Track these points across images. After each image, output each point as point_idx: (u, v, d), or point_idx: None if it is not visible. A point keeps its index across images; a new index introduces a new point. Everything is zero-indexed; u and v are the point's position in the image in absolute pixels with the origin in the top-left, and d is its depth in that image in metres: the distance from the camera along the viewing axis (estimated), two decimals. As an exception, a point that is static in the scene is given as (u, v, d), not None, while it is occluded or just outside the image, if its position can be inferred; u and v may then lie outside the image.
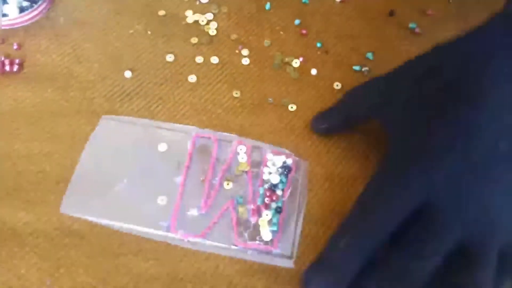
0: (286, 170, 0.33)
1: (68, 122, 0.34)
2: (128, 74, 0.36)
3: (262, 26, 0.40)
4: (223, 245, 0.30)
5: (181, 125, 0.34)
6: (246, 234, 0.30)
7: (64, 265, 0.29)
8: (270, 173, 0.33)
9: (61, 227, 0.30)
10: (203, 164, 0.33)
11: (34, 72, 0.36)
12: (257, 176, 0.33)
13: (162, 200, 0.31)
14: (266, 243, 0.30)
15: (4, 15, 0.37)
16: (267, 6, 0.41)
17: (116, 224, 0.30)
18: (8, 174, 0.32)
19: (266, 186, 0.32)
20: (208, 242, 0.30)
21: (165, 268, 0.29)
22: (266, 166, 0.33)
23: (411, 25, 0.41)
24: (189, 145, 0.33)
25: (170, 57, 0.38)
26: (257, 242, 0.30)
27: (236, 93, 0.36)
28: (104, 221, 0.30)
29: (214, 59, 0.38)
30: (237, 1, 0.41)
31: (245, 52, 0.39)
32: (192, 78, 0.37)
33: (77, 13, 0.39)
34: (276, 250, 0.30)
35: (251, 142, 0.34)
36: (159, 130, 0.34)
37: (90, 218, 0.30)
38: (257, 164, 0.33)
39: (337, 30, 0.41)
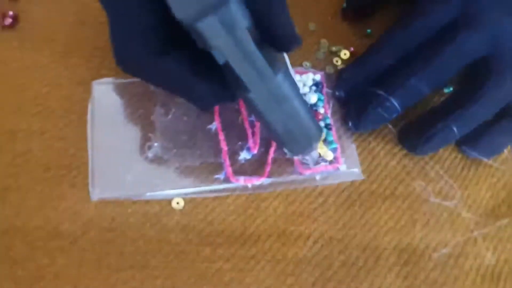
0: (318, 86, 0.30)
1: (65, 94, 0.27)
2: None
3: (308, 5, 0.34)
4: (290, 178, 0.26)
5: None
6: (308, 160, 0.27)
7: (48, 274, 0.22)
8: (305, 94, 0.29)
9: (45, 226, 0.24)
10: (233, 103, 0.28)
11: (30, 29, 0.29)
12: None
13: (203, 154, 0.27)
14: (331, 162, 0.27)
15: (-1, -46, 0.30)
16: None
17: (164, 193, 0.25)
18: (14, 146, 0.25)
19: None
20: (271, 181, 0.26)
21: None
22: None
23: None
24: None
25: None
26: (322, 164, 0.27)
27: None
28: (149, 194, 0.25)
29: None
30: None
31: (285, 33, 0.32)
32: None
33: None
34: (343, 166, 0.27)
35: None
36: None
37: (131, 195, 0.25)
38: None
39: (390, 18, 0.34)
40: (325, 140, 0.28)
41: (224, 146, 0.27)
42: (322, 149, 0.27)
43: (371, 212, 0.27)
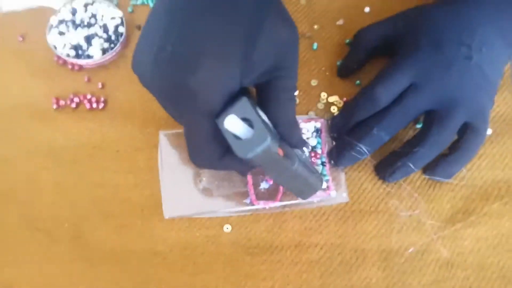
0: (318, 132, 0.40)
1: (147, 156, 0.40)
2: (194, 112, 0.41)
3: (310, 66, 0.44)
4: (294, 202, 0.37)
5: None
6: None
7: (152, 280, 0.36)
8: (307, 138, 0.40)
9: (146, 248, 0.37)
10: None
11: (116, 109, 0.41)
12: None
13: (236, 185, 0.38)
14: (324, 189, 0.37)
15: (90, 56, 0.42)
16: (315, 46, 0.44)
17: (211, 213, 0.37)
18: (102, 201, 0.38)
19: (309, 149, 0.40)
20: (282, 204, 0.37)
21: (231, 286, 0.36)
22: (303, 133, 0.40)
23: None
24: None
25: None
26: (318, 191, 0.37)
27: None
28: (202, 214, 0.37)
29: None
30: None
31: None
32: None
33: (148, 52, 0.43)
34: (332, 192, 0.37)
35: None
36: None
37: (189, 214, 0.37)
38: None
39: (374, 69, 0.43)
40: (320, 173, 0.39)
41: (249, 179, 0.38)
42: None
43: (360, 224, 0.38)
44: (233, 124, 0.26)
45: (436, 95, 0.36)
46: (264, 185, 0.38)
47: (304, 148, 0.39)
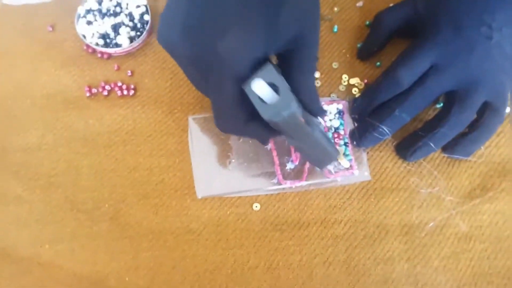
0: (340, 114, 0.42)
1: (177, 140, 0.41)
2: (220, 97, 0.43)
3: (331, 48, 0.45)
4: (319, 181, 0.39)
5: None
6: (331, 169, 0.39)
7: (187, 256, 0.38)
8: (330, 120, 0.42)
9: (181, 226, 0.39)
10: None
11: (145, 95, 0.43)
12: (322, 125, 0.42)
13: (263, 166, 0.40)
14: (347, 169, 0.39)
15: (118, 45, 0.43)
16: (335, 29, 0.45)
17: (241, 193, 0.39)
18: (138, 184, 0.40)
19: (332, 130, 0.41)
20: (308, 183, 0.39)
21: (262, 260, 0.38)
22: (325, 115, 0.42)
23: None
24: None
25: (253, 81, 0.43)
26: (341, 170, 0.39)
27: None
28: (231, 193, 0.39)
29: (290, 81, 0.43)
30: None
31: (316, 74, 0.44)
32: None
33: (173, 38, 0.45)
34: (355, 171, 0.39)
35: None
36: None
37: (220, 194, 0.39)
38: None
39: (394, 51, 0.44)
40: (343, 153, 0.40)
41: (276, 160, 0.40)
42: (341, 160, 0.40)
43: (382, 201, 0.40)
44: (260, 87, 0.27)
45: (458, 76, 0.36)
46: (290, 166, 0.40)
47: (321, 120, 0.41)
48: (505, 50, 0.36)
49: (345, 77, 0.43)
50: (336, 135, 0.41)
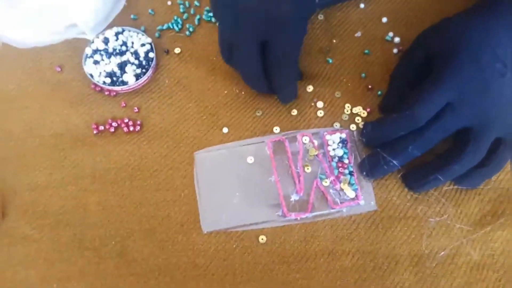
0: (344, 143, 0.41)
1: (182, 174, 0.41)
2: (225, 130, 0.43)
3: (332, 78, 0.45)
4: (325, 212, 0.39)
5: (256, 138, 0.42)
6: (337, 199, 0.39)
7: (194, 292, 0.37)
8: (334, 149, 0.41)
9: (188, 261, 0.38)
10: (283, 160, 0.41)
11: (151, 131, 0.43)
12: (325, 155, 0.41)
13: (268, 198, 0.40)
14: (353, 199, 0.39)
15: (124, 83, 0.44)
16: (330, 60, 0.45)
17: (247, 226, 0.39)
18: (144, 219, 0.40)
19: (336, 159, 0.41)
20: (313, 214, 0.39)
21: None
22: (329, 145, 0.41)
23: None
24: (267, 151, 0.41)
25: (258, 113, 0.43)
26: (347, 200, 0.39)
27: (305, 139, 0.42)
28: (237, 227, 0.39)
29: (294, 112, 0.43)
30: (310, 58, 0.46)
31: (320, 104, 0.44)
32: (276, 129, 0.43)
33: (178, 74, 0.45)
34: (361, 201, 0.39)
35: (310, 131, 0.42)
36: (241, 147, 0.42)
37: (226, 228, 0.39)
38: (321, 146, 0.42)
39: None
40: (349, 183, 0.40)
41: (280, 191, 0.40)
42: (347, 190, 0.39)
43: (390, 231, 0.39)
44: None
45: (473, 115, 0.36)
46: (294, 197, 0.40)
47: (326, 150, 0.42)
48: None
49: (348, 106, 0.43)
50: (340, 165, 0.40)
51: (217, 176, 0.41)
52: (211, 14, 0.47)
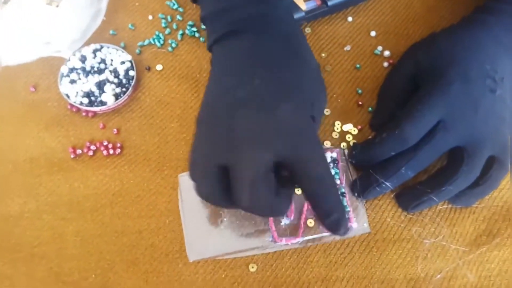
0: (334, 162, 0.39)
1: (166, 199, 0.39)
2: (210, 151, 0.41)
3: (321, 95, 0.43)
4: (316, 236, 0.36)
5: None
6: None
7: (182, 327, 0.35)
8: None
9: (174, 293, 0.36)
10: None
11: (133, 153, 0.41)
12: None
13: (257, 222, 0.37)
14: None
15: (103, 103, 0.41)
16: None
17: (235, 253, 0.36)
18: (126, 249, 0.37)
19: None
20: (304, 239, 0.37)
21: None
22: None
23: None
24: None
25: (244, 133, 0.41)
26: None
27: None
28: (226, 255, 0.36)
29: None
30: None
31: (308, 122, 0.42)
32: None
33: (160, 92, 0.43)
34: (354, 223, 0.37)
35: None
36: None
37: (213, 256, 0.36)
38: None
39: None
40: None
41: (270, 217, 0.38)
42: None
43: (384, 254, 0.37)
44: None
45: (466, 133, 0.35)
46: (285, 221, 0.38)
47: None
48: (506, 102, 0.35)
49: (338, 123, 0.42)
50: None
51: (202, 200, 0.38)
52: (194, 29, 0.45)
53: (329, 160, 0.40)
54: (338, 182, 0.39)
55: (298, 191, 0.38)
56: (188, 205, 0.38)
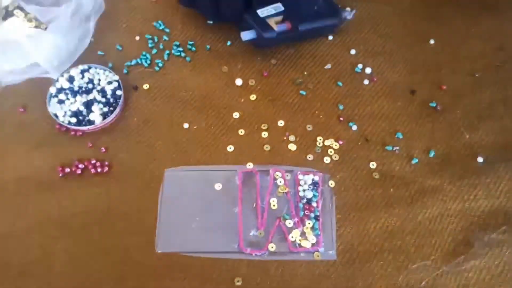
0: (315, 185, 0.40)
1: (154, 216, 0.40)
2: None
3: (303, 111, 0.44)
4: (283, 251, 0.38)
5: (229, 165, 0.41)
6: (297, 242, 0.38)
7: None
8: (304, 190, 0.40)
9: (162, 309, 0.37)
10: (251, 193, 0.40)
11: (120, 171, 0.41)
12: (294, 195, 0.40)
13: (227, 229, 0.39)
14: (313, 244, 0.38)
15: (91, 122, 0.42)
16: (303, 92, 0.45)
17: (201, 253, 0.38)
18: (115, 266, 0.38)
19: (304, 201, 0.40)
20: (269, 253, 0.38)
21: None
22: (300, 185, 0.40)
23: (431, 104, 0.44)
24: (237, 180, 0.40)
25: (230, 148, 0.42)
26: (307, 245, 0.38)
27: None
28: (191, 252, 0.38)
29: (267, 147, 0.43)
30: (281, 91, 0.46)
31: (292, 138, 0.43)
32: (250, 165, 0.42)
33: (147, 111, 0.44)
34: (321, 248, 0.38)
35: (284, 167, 0.41)
36: (212, 172, 0.41)
37: (180, 251, 0.38)
38: (292, 184, 0.40)
39: (367, 110, 0.44)
40: (312, 227, 0.39)
41: (240, 225, 0.39)
42: (309, 234, 0.38)
43: (367, 265, 0.38)
44: None
45: None
46: (254, 232, 0.39)
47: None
48: None
49: (320, 138, 0.43)
50: (307, 207, 0.39)
51: (182, 197, 0.39)
52: (180, 49, 0.46)
53: (310, 182, 0.41)
54: (314, 204, 0.39)
55: (274, 207, 0.39)
56: (167, 198, 0.39)
